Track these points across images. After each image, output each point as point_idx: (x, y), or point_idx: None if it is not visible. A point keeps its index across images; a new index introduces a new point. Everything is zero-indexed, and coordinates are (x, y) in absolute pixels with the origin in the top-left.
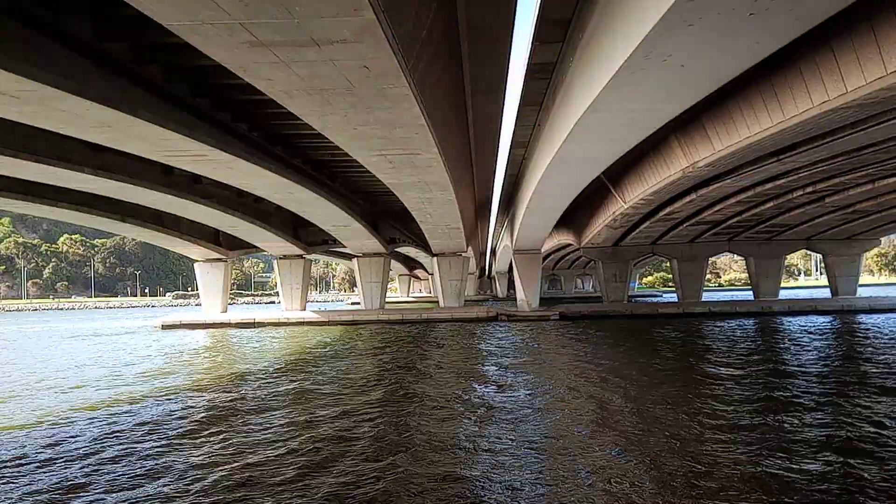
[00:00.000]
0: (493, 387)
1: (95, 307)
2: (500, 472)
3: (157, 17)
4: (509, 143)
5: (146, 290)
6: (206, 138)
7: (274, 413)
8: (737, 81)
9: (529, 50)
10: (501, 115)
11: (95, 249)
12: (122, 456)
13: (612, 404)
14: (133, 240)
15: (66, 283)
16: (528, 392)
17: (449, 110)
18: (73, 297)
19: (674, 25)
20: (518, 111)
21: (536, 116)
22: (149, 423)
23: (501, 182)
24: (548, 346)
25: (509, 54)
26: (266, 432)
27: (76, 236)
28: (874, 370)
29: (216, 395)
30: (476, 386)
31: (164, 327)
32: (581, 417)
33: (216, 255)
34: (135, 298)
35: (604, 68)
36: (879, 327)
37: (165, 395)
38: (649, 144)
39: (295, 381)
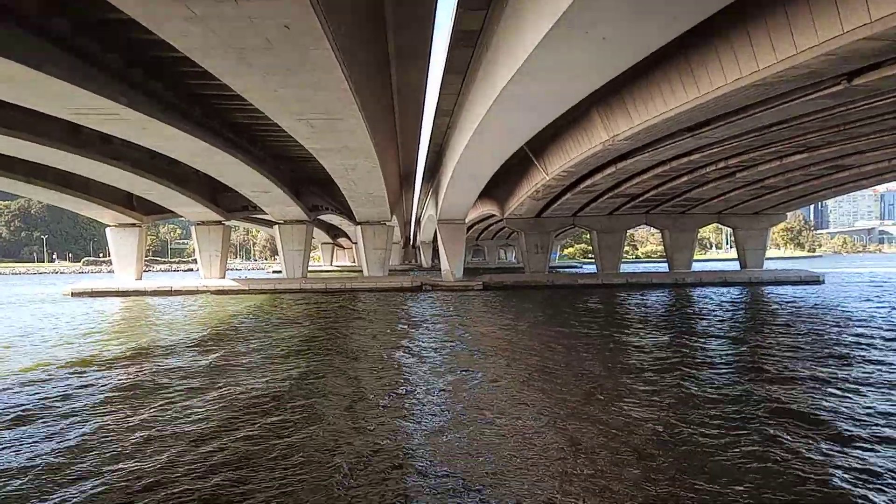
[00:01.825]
0: (414, 356)
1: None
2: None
3: None
4: (434, 112)
5: (54, 256)
6: (118, 96)
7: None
8: (656, 57)
9: (454, 16)
10: (426, 83)
11: None
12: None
13: (525, 363)
14: (39, 202)
15: None
16: (448, 359)
17: (373, 76)
18: None
19: None
20: (442, 79)
21: (461, 85)
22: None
23: (426, 151)
24: (471, 316)
25: (434, 20)
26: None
27: None
28: (764, 334)
29: (127, 371)
30: (399, 355)
31: (74, 295)
32: (498, 375)
33: (130, 220)
34: (42, 264)
35: (527, 39)
36: (779, 298)
37: (61, 372)
38: (572, 117)
39: (211, 356)
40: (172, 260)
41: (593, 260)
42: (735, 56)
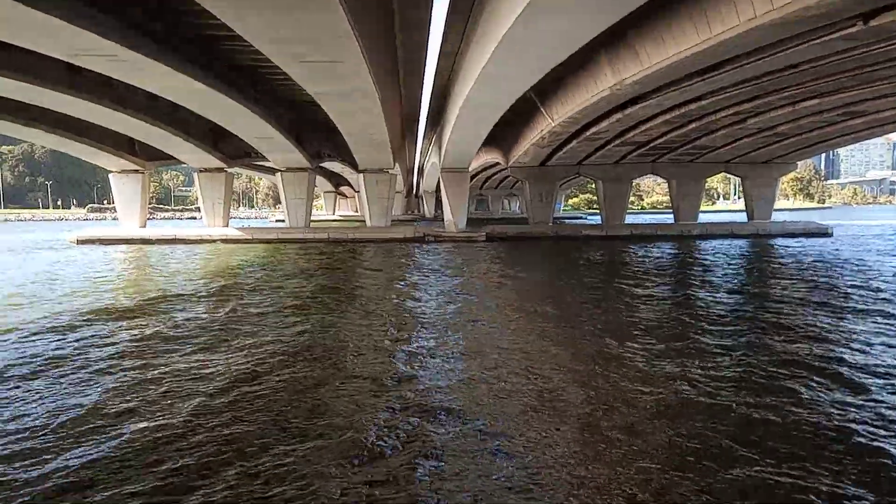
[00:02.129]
0: (426, 307)
1: (5, 220)
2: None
3: None
4: (437, 55)
5: (59, 202)
6: (116, 36)
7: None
8: None
9: None
10: (429, 24)
11: (2, 157)
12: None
13: (537, 315)
14: (43, 147)
15: None
16: (459, 311)
17: (376, 17)
18: None
19: None
20: (446, 20)
21: (465, 26)
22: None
23: (429, 95)
24: (477, 268)
25: None
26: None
27: None
28: (775, 287)
29: (141, 321)
30: (410, 306)
31: (80, 242)
32: (511, 328)
33: (132, 166)
34: (47, 210)
35: None
36: (788, 251)
37: (76, 321)
38: (578, 61)
39: (223, 307)
40: (176, 208)
41: (598, 210)
42: None
